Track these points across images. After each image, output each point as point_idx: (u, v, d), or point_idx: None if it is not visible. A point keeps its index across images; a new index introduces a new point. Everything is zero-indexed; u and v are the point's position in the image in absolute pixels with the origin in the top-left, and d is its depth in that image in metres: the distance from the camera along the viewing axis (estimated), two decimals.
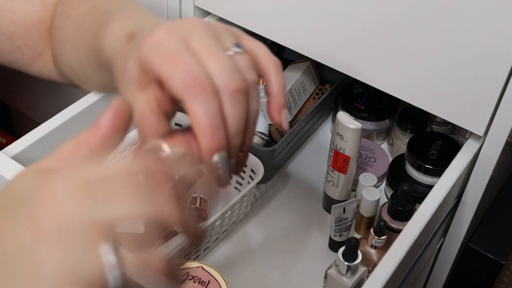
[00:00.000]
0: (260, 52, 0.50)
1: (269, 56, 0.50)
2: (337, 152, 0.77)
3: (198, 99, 0.45)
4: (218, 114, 0.45)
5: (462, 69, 0.68)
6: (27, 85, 1.14)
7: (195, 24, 0.48)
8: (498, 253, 0.86)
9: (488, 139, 0.72)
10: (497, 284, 0.94)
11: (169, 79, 0.45)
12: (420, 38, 0.69)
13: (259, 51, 0.50)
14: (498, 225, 0.90)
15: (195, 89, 0.45)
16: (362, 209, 0.80)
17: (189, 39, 0.47)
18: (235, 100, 0.45)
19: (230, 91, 0.45)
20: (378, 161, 0.89)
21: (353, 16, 0.73)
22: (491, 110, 0.69)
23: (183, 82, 0.45)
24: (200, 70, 0.45)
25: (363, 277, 0.71)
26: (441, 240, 0.86)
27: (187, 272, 0.70)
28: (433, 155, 0.82)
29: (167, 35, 0.46)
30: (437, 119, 0.90)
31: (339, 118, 0.75)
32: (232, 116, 0.45)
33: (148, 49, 0.46)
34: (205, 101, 0.45)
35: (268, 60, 0.50)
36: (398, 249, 0.63)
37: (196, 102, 0.45)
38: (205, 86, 0.45)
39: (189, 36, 0.47)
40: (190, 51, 0.46)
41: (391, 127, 0.93)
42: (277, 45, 0.99)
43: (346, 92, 0.93)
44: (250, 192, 0.80)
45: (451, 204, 0.79)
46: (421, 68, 0.71)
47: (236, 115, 0.45)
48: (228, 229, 0.81)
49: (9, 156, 0.69)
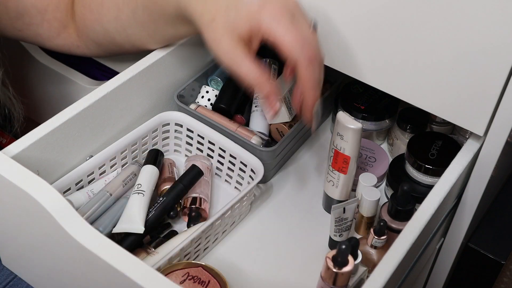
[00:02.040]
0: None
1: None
2: (337, 152, 0.77)
3: (310, 65, 0.65)
4: (319, 76, 0.67)
5: (462, 69, 0.68)
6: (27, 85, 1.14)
7: (294, 3, 0.66)
8: (498, 253, 0.86)
9: (488, 139, 0.72)
10: (497, 284, 0.94)
11: (290, 48, 0.63)
12: (420, 38, 0.69)
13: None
14: (498, 225, 0.90)
15: (309, 58, 0.64)
16: (362, 209, 0.80)
17: (296, 16, 0.65)
18: (321, 67, 0.68)
19: (320, 61, 0.67)
20: (378, 161, 0.89)
21: (353, 16, 0.73)
22: (491, 110, 0.69)
23: (302, 52, 0.64)
24: (310, 43, 0.65)
25: (363, 277, 0.71)
26: (441, 240, 0.86)
27: (187, 272, 0.70)
28: (433, 155, 0.82)
29: (282, 10, 0.63)
30: (437, 119, 0.90)
31: (339, 118, 0.75)
32: (320, 79, 0.68)
33: (269, 19, 0.63)
34: (314, 67, 0.66)
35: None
36: (398, 249, 0.63)
37: (309, 67, 0.65)
38: (315, 56, 0.65)
39: (296, 13, 0.65)
40: (300, 28, 0.64)
41: (391, 127, 0.93)
42: None
43: (346, 92, 0.93)
44: (250, 192, 0.80)
45: (451, 204, 0.79)
46: (421, 68, 0.71)
47: (321, 78, 0.68)
48: (228, 229, 0.81)
49: (9, 156, 0.69)
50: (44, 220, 0.64)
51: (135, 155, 0.85)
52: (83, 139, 0.78)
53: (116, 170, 0.83)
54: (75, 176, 0.78)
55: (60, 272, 0.72)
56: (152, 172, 0.80)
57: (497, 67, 0.65)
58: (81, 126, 0.77)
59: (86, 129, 0.78)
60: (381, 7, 0.70)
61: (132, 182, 0.81)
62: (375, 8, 0.70)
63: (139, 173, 0.81)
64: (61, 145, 0.75)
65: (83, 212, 0.75)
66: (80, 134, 0.77)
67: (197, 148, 0.88)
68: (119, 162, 0.83)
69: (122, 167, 0.84)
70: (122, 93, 0.80)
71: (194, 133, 0.87)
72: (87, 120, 0.77)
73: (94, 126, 0.79)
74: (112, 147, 0.81)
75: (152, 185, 0.79)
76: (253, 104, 0.92)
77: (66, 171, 0.78)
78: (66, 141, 0.76)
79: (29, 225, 0.69)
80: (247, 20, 0.63)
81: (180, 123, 0.87)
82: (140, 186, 0.78)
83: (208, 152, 0.87)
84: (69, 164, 0.78)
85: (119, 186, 0.79)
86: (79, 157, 0.79)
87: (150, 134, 0.86)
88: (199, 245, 0.76)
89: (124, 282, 0.59)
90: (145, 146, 0.86)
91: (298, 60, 0.64)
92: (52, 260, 0.71)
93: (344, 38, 0.75)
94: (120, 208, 0.77)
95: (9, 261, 0.81)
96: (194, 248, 0.75)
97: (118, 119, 0.82)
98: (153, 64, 0.83)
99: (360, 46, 0.74)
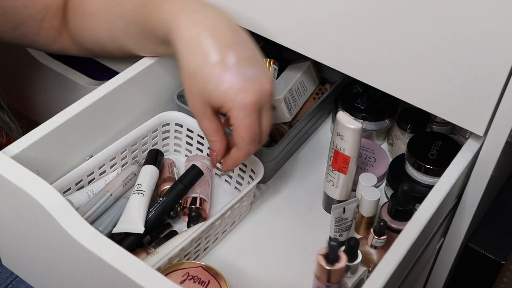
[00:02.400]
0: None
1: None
2: (337, 152, 0.77)
3: (249, 152, 0.71)
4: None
5: (462, 69, 0.68)
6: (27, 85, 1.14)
7: (267, 96, 0.69)
8: (498, 253, 0.86)
9: (488, 139, 0.72)
10: (497, 284, 0.94)
11: (241, 140, 0.69)
12: (420, 38, 0.69)
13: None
14: (498, 225, 0.90)
15: (250, 149, 0.70)
16: (362, 209, 0.80)
17: (263, 110, 0.69)
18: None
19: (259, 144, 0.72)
20: (378, 161, 0.89)
21: (353, 16, 0.73)
22: (491, 110, 0.69)
23: (249, 145, 0.70)
24: (260, 140, 0.71)
25: (363, 277, 0.71)
26: (441, 240, 0.86)
27: (187, 272, 0.70)
28: (433, 155, 0.82)
29: (254, 105, 0.67)
30: (437, 119, 0.90)
31: (339, 118, 0.75)
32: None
33: (239, 110, 0.66)
34: (254, 147, 0.71)
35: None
36: (398, 249, 0.63)
37: (250, 145, 0.70)
38: (255, 148, 0.71)
39: (264, 106, 0.69)
40: (259, 125, 0.69)
41: (391, 127, 0.93)
42: (277, 45, 0.99)
43: (346, 92, 0.93)
44: (250, 192, 0.80)
45: (451, 204, 0.79)
46: (421, 68, 0.71)
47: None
48: (228, 229, 0.81)
49: (9, 156, 0.69)
50: (44, 220, 0.64)
51: (135, 155, 0.85)
52: (83, 139, 0.78)
53: (116, 170, 0.83)
54: (75, 176, 0.78)
55: (60, 272, 0.72)
56: (152, 172, 0.80)
57: (497, 67, 0.65)
58: (81, 126, 0.77)
59: (86, 129, 0.78)
60: (381, 6, 0.70)
61: (132, 182, 0.81)
62: (375, 7, 0.70)
63: (139, 173, 0.81)
64: (61, 145, 0.75)
65: (83, 212, 0.75)
66: (80, 134, 0.77)
67: (197, 148, 0.88)
68: (119, 162, 0.83)
69: (122, 167, 0.84)
70: (122, 93, 0.80)
71: (194, 133, 0.87)
72: (87, 120, 0.77)
73: (94, 126, 0.79)
74: (112, 147, 0.81)
75: (152, 185, 0.79)
76: None
77: (66, 171, 0.78)
78: (66, 141, 0.76)
79: (29, 225, 0.69)
80: (221, 100, 0.67)
81: (180, 123, 0.87)
82: (140, 186, 0.78)
83: (208, 152, 0.87)
84: (69, 164, 0.78)
85: (119, 186, 0.79)
86: (79, 157, 0.79)
87: (150, 134, 0.86)
88: (199, 245, 0.76)
89: (124, 282, 0.59)
90: (145, 146, 0.86)
91: (240, 148, 0.70)
92: (52, 260, 0.71)
93: (344, 38, 0.75)
94: (120, 208, 0.77)
95: (9, 261, 0.81)
96: (194, 248, 0.75)
97: (118, 119, 0.82)
98: (153, 64, 0.83)
99: (360, 46, 0.74)
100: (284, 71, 0.95)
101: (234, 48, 0.68)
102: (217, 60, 0.66)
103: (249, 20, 0.83)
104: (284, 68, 0.95)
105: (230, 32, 0.69)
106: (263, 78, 0.68)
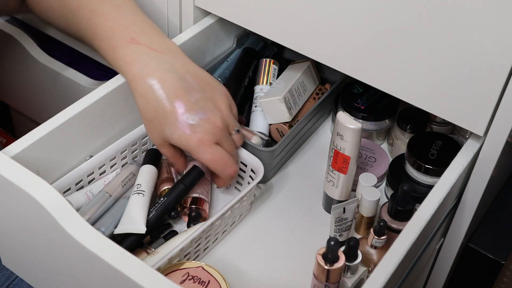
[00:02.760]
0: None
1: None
2: (337, 152, 0.77)
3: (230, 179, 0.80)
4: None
5: (462, 69, 0.68)
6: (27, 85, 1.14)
7: (222, 125, 0.76)
8: (498, 253, 0.86)
9: (488, 139, 0.72)
10: (497, 284, 0.94)
11: (212, 169, 0.77)
12: (420, 38, 0.69)
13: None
14: (498, 225, 0.90)
15: (229, 174, 0.78)
16: (362, 209, 0.80)
17: (222, 138, 0.76)
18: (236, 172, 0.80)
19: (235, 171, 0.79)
20: (378, 161, 0.89)
21: (353, 16, 0.73)
22: (491, 110, 0.69)
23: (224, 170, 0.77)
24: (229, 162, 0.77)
25: (363, 277, 0.71)
26: (441, 240, 0.86)
27: (187, 272, 0.70)
28: (433, 155, 0.82)
29: (209, 140, 0.74)
30: (437, 119, 0.90)
31: (339, 118, 0.75)
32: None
33: (196, 147, 0.74)
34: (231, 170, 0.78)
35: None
36: (398, 249, 0.63)
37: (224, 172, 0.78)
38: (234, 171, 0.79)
39: (222, 135, 0.76)
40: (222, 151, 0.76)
41: (391, 127, 0.93)
42: (277, 45, 0.99)
43: (346, 92, 0.93)
44: (250, 192, 0.80)
45: (451, 204, 0.79)
46: (421, 68, 0.71)
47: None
48: (228, 229, 0.81)
49: (9, 156, 0.69)
50: (44, 220, 0.64)
51: (135, 155, 0.85)
52: (83, 139, 0.78)
53: (115, 170, 0.83)
54: (75, 176, 0.78)
55: (60, 272, 0.72)
56: (151, 172, 0.80)
57: (497, 67, 0.65)
58: (81, 126, 0.77)
59: (86, 129, 0.78)
60: (382, 7, 0.70)
61: (131, 182, 0.81)
62: (376, 8, 0.70)
63: (138, 173, 0.81)
64: (61, 145, 0.75)
65: (83, 213, 0.75)
66: (80, 134, 0.77)
67: None
68: (119, 162, 0.83)
69: (122, 167, 0.84)
70: (122, 93, 0.80)
71: None
72: (87, 120, 0.77)
73: (94, 126, 0.79)
74: (112, 147, 0.81)
75: (151, 185, 0.79)
76: (253, 104, 0.92)
77: (66, 171, 0.78)
78: (66, 141, 0.76)
79: (29, 225, 0.69)
80: (178, 143, 0.75)
81: None
82: (140, 186, 0.78)
83: None
84: (69, 164, 0.78)
85: (118, 186, 0.79)
86: (79, 157, 0.79)
87: None
88: (199, 245, 0.76)
89: (124, 282, 0.59)
90: (145, 146, 0.86)
91: (219, 175, 0.78)
92: (51, 260, 0.71)
93: (344, 38, 0.75)
94: (120, 209, 0.77)
95: (9, 261, 0.81)
96: (194, 248, 0.75)
97: (118, 119, 0.82)
98: None
99: (360, 46, 0.74)
100: (284, 71, 0.95)
101: (182, 97, 0.74)
102: (168, 111, 0.74)
103: (249, 20, 0.83)
104: (284, 68, 0.95)
105: (177, 81, 0.75)
106: (211, 116, 0.75)
